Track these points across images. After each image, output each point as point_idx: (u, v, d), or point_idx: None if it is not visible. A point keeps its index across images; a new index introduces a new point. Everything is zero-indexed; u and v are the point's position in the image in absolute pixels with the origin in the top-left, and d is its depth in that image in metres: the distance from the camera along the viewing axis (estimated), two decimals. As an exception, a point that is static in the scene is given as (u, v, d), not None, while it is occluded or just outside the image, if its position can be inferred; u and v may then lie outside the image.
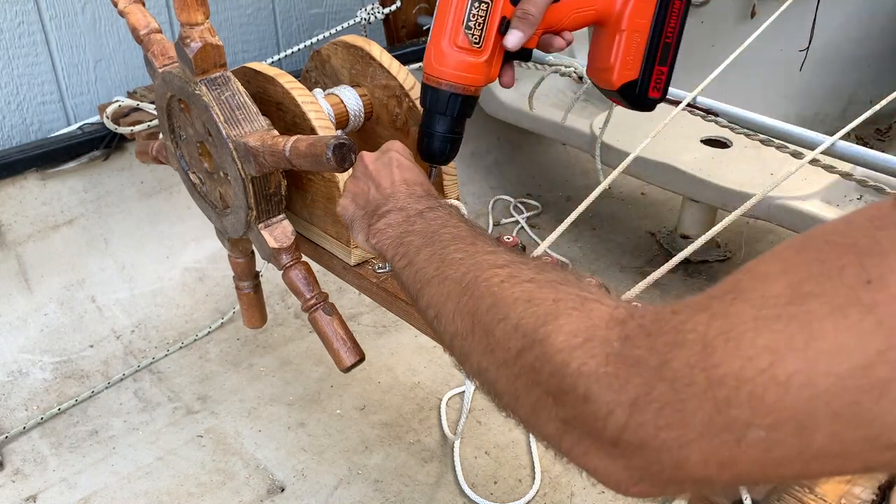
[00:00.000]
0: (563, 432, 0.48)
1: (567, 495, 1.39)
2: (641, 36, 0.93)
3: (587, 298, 0.51)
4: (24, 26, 1.64)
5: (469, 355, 0.59)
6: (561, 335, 0.49)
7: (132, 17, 1.08)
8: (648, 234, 2.19)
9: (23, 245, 1.70)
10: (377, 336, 1.75)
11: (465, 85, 0.89)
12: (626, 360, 0.45)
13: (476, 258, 0.63)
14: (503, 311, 0.55)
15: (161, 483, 1.42)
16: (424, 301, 0.66)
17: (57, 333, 1.70)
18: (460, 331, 0.59)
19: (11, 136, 1.71)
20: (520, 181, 2.39)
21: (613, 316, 0.48)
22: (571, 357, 0.47)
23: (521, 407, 0.52)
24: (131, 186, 1.81)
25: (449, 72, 0.88)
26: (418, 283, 0.68)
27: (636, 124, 1.95)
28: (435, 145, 0.93)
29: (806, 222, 1.66)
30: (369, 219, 0.79)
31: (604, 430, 0.45)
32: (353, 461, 1.46)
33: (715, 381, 0.40)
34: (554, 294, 0.53)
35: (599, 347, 0.46)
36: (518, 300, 0.54)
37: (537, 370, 0.50)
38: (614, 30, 0.93)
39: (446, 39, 0.87)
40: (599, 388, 0.45)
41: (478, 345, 0.57)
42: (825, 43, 2.81)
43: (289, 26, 2.03)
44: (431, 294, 0.65)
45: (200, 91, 0.94)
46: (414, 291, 0.69)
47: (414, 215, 0.75)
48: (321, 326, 0.99)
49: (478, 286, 0.59)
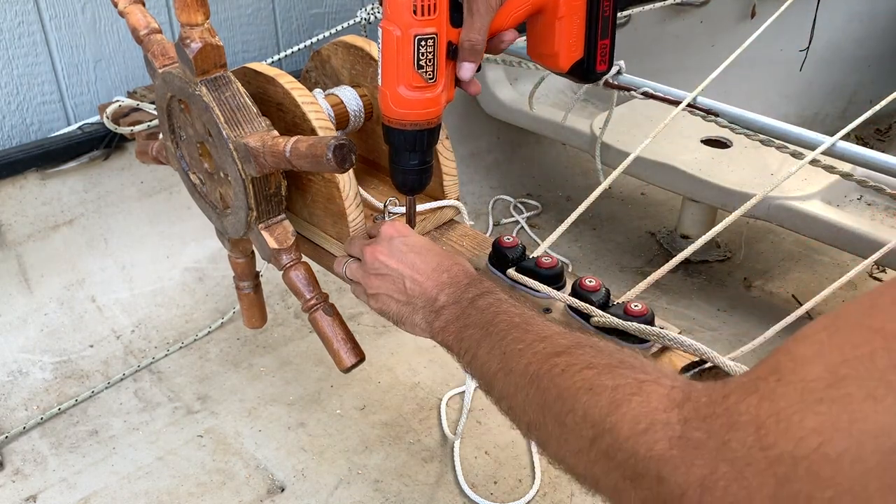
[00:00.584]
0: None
1: (567, 495, 1.39)
2: (579, 17, 0.93)
3: (644, 381, 0.56)
4: (24, 26, 1.64)
5: (547, 443, 0.63)
6: (626, 424, 0.53)
7: (132, 17, 1.08)
8: (648, 234, 2.20)
9: (23, 245, 1.70)
10: (377, 336, 1.75)
11: (429, 119, 0.90)
12: (688, 442, 0.49)
13: (534, 347, 0.68)
14: (569, 404, 0.60)
15: (161, 483, 1.42)
16: (496, 393, 0.71)
17: (57, 333, 1.70)
18: (534, 421, 0.64)
19: (11, 136, 1.71)
20: (520, 181, 2.39)
21: (671, 397, 0.53)
22: (639, 443, 0.52)
23: (604, 489, 0.57)
24: (131, 186, 1.81)
25: (411, 112, 0.89)
26: (486, 377, 0.73)
27: (636, 124, 1.95)
28: (412, 179, 0.95)
29: (806, 222, 1.66)
30: (425, 316, 0.84)
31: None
32: (353, 461, 1.46)
33: (773, 459, 0.44)
34: (612, 380, 0.58)
35: (662, 432, 0.51)
36: (580, 390, 0.59)
37: (611, 457, 0.54)
38: (552, 17, 0.93)
39: (401, 84, 0.87)
40: (669, 471, 0.49)
41: (552, 434, 0.62)
42: (825, 43, 2.82)
43: (289, 26, 2.03)
44: (500, 388, 0.70)
45: (201, 92, 0.94)
46: (484, 385, 0.74)
47: (467, 306, 0.79)
48: (321, 327, 0.99)
49: (541, 378, 0.64)
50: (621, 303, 0.86)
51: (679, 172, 1.84)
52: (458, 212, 1.11)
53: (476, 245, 1.06)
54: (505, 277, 0.94)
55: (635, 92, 1.58)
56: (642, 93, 1.57)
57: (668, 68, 2.38)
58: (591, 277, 0.88)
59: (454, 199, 1.09)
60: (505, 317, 0.74)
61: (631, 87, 1.59)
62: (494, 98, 2.21)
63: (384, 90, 0.89)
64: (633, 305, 0.83)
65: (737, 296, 1.95)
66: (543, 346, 0.67)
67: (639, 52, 2.42)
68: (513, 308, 0.76)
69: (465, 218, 1.11)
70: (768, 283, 1.99)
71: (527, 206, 2.29)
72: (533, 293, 0.91)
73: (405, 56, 0.85)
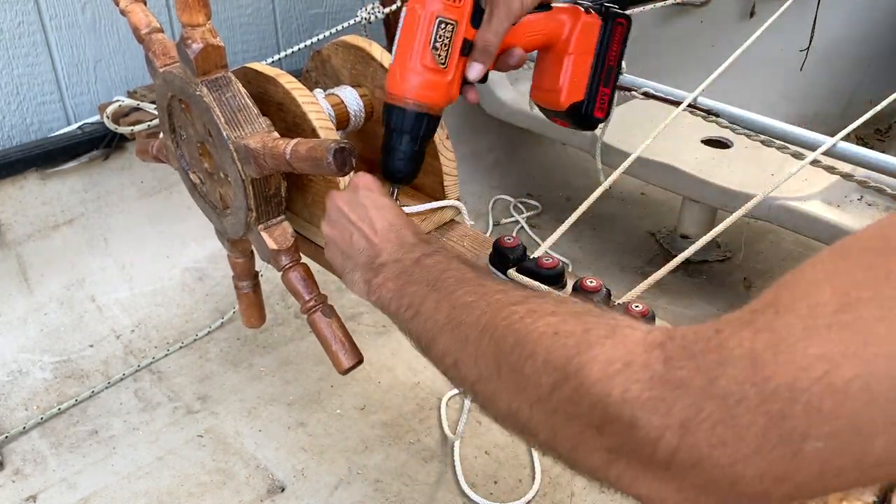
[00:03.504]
0: (610, 462, 0.48)
1: (567, 495, 1.39)
2: (587, 60, 0.98)
3: (618, 325, 0.51)
4: (24, 26, 1.64)
5: (496, 398, 0.57)
6: (596, 365, 0.48)
7: (133, 16, 1.08)
8: (648, 234, 2.20)
9: (23, 245, 1.70)
10: (377, 336, 1.75)
11: (431, 104, 0.91)
12: (670, 382, 0.44)
13: (488, 298, 0.62)
14: (529, 348, 0.54)
15: (161, 483, 1.42)
16: (439, 349, 0.65)
17: (57, 333, 1.70)
18: (484, 374, 0.58)
19: (11, 135, 1.71)
20: (520, 181, 2.39)
21: (649, 340, 0.48)
22: (612, 385, 0.46)
23: (561, 442, 0.51)
24: (131, 186, 1.81)
25: (416, 91, 0.90)
26: (429, 333, 0.67)
27: (637, 124, 1.95)
28: (401, 165, 0.94)
29: (807, 223, 1.66)
30: (364, 272, 0.79)
31: (654, 455, 0.44)
32: (353, 461, 1.46)
33: (767, 394, 0.40)
34: (581, 325, 0.52)
35: (641, 372, 0.46)
36: (544, 335, 0.53)
37: (575, 403, 0.49)
38: (562, 53, 0.98)
39: (414, 59, 0.89)
40: (646, 413, 0.44)
41: (506, 385, 0.56)
42: (825, 43, 2.82)
43: (289, 26, 2.03)
44: (446, 341, 0.64)
45: (201, 92, 0.94)
46: (426, 341, 0.68)
47: (411, 265, 0.74)
48: (320, 328, 0.99)
49: (496, 326, 0.58)
50: (622, 303, 0.86)
51: (679, 172, 1.84)
52: (459, 212, 1.11)
53: (476, 245, 1.05)
54: (505, 278, 0.94)
55: (635, 92, 1.58)
56: (642, 93, 1.57)
57: (668, 68, 2.38)
58: (591, 278, 0.88)
59: (454, 199, 1.09)
60: (455, 272, 0.69)
61: (631, 87, 1.59)
62: (495, 98, 2.21)
63: (394, 68, 0.91)
64: (633, 306, 0.83)
65: (737, 296, 1.95)
66: (499, 297, 0.61)
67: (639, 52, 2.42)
68: (464, 265, 0.71)
69: (465, 218, 1.11)
70: (768, 283, 1.97)
71: (527, 206, 2.29)
72: (533, 294, 0.91)
73: (424, 34, 0.88)
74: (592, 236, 2.17)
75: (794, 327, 0.41)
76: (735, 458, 0.41)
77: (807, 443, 0.39)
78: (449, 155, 1.07)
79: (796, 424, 0.39)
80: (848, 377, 0.38)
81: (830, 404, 0.39)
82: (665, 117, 1.29)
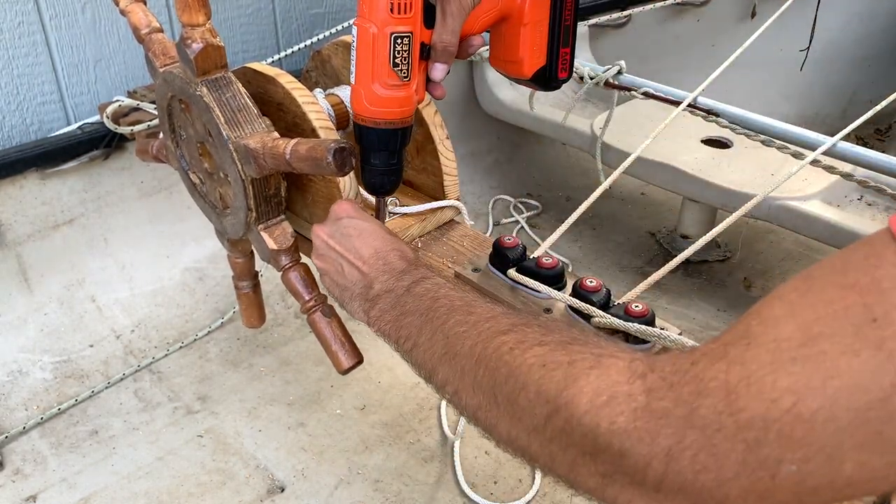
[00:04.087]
0: (605, 485, 0.51)
1: (567, 495, 1.39)
2: (543, 25, 0.94)
3: (602, 354, 0.54)
4: (24, 26, 1.64)
5: (496, 425, 0.61)
6: (584, 397, 0.51)
7: (133, 16, 1.08)
8: (648, 234, 2.20)
9: (23, 245, 1.70)
10: (377, 336, 1.74)
11: (402, 119, 0.90)
12: (653, 412, 0.47)
13: (479, 328, 0.65)
14: (521, 380, 0.57)
15: (161, 483, 1.42)
16: (440, 379, 0.68)
17: (57, 333, 1.70)
18: (482, 404, 0.62)
19: (11, 136, 1.71)
20: (520, 181, 2.39)
21: (632, 369, 0.51)
22: (600, 417, 0.50)
23: (559, 466, 0.55)
24: (131, 186, 1.81)
25: (384, 111, 0.89)
26: (429, 363, 0.70)
27: (637, 124, 1.95)
28: (382, 180, 0.94)
29: (806, 223, 1.66)
30: (361, 303, 0.82)
31: (645, 480, 0.47)
32: (353, 461, 1.46)
33: (743, 424, 0.43)
34: (567, 356, 0.55)
35: (625, 404, 0.49)
36: (533, 367, 0.57)
37: (568, 433, 0.52)
38: (517, 24, 0.94)
39: (376, 82, 0.87)
40: (633, 443, 0.47)
41: (504, 415, 0.59)
42: (825, 43, 2.82)
43: (289, 26, 2.03)
44: (445, 372, 0.67)
45: (201, 92, 0.94)
46: (426, 372, 0.71)
47: (402, 294, 0.77)
48: (319, 328, 0.98)
49: (489, 357, 0.61)
50: (622, 303, 0.86)
51: (679, 172, 1.84)
52: (459, 212, 1.11)
53: (476, 245, 1.05)
54: (505, 278, 0.94)
55: (636, 92, 1.59)
56: (643, 93, 1.57)
57: (668, 68, 2.38)
58: (591, 278, 0.88)
59: (454, 200, 1.09)
60: (445, 301, 0.72)
61: (631, 87, 1.59)
62: (494, 98, 2.21)
63: (358, 88, 0.89)
64: (633, 306, 0.83)
65: (737, 296, 1.95)
66: (489, 326, 0.64)
67: (639, 52, 2.42)
68: (452, 292, 0.74)
69: (465, 218, 1.11)
70: (768, 283, 1.99)
71: (527, 206, 2.29)
72: (534, 294, 0.91)
73: (381, 53, 0.85)
74: (592, 236, 2.17)
75: (763, 360, 0.44)
76: (718, 481, 0.45)
77: (782, 466, 0.42)
78: (449, 155, 1.07)
79: (771, 451, 0.43)
80: (814, 408, 0.41)
81: (801, 432, 0.42)
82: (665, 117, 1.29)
